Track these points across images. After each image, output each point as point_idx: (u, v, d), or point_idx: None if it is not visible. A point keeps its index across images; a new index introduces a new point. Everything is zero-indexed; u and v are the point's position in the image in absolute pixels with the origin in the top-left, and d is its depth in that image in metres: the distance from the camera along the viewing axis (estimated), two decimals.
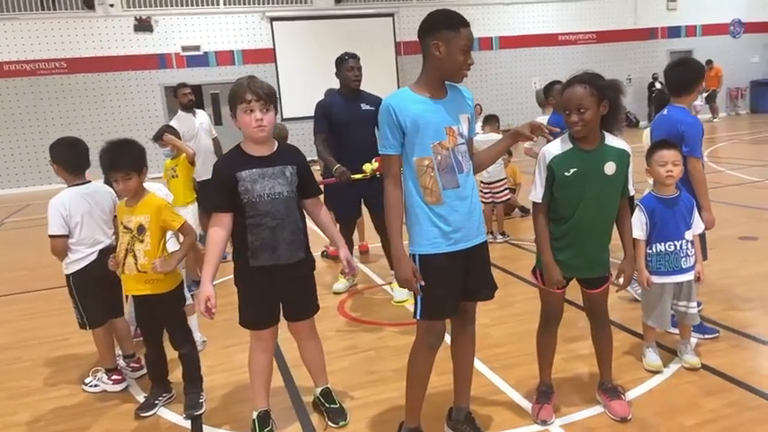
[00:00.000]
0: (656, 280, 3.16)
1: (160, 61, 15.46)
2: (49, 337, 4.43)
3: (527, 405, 2.94)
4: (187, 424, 3.06)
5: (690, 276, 3.19)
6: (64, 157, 3.38)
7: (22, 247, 8.19)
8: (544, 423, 2.77)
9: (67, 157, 3.38)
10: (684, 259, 3.15)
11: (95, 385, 3.50)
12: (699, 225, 3.23)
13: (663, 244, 3.13)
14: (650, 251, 3.16)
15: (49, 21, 14.71)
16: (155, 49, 15.42)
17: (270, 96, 2.60)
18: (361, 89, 4.69)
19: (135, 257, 3.03)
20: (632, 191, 2.70)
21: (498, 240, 6.26)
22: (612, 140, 2.61)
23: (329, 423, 2.91)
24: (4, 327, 4.86)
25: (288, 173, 2.65)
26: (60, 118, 14.77)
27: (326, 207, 3.43)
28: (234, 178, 2.58)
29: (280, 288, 2.71)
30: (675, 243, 3.12)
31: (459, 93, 2.47)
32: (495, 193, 6.40)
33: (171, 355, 3.26)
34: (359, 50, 4.76)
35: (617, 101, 2.55)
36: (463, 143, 2.43)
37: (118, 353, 3.64)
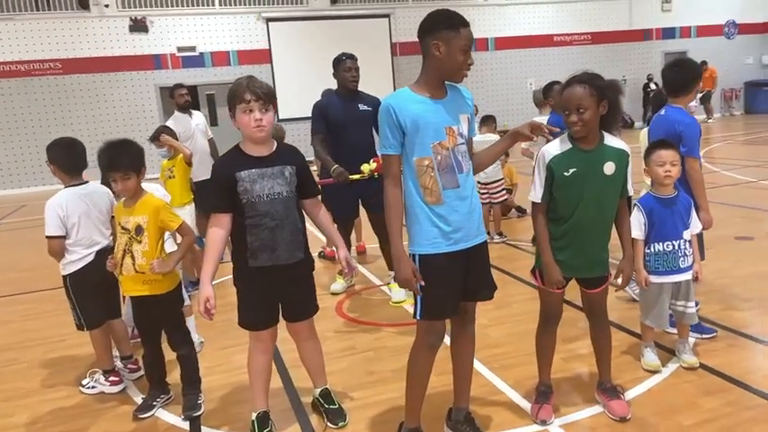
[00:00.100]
0: (654, 280, 3.17)
1: (155, 62, 15.41)
2: (46, 338, 4.42)
3: (526, 405, 2.94)
4: (185, 425, 3.05)
5: (688, 276, 3.19)
6: (61, 158, 3.36)
7: (17, 248, 8.15)
8: (543, 423, 2.77)
9: (64, 158, 3.36)
10: (682, 259, 3.15)
11: (93, 387, 3.49)
12: (697, 225, 3.24)
13: (661, 244, 3.14)
14: (648, 251, 3.17)
15: (44, 21, 14.64)
16: (150, 50, 15.36)
17: (269, 96, 2.59)
18: (359, 90, 4.69)
19: (133, 258, 3.02)
20: (631, 191, 2.70)
21: (495, 241, 6.26)
22: (612, 140, 2.61)
23: (328, 424, 2.91)
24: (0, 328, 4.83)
25: (287, 173, 2.64)
26: (55, 119, 14.70)
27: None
28: (233, 178, 2.57)
29: (279, 289, 2.70)
30: (674, 243, 3.13)
31: (459, 93, 2.47)
32: (492, 194, 6.41)
33: (169, 356, 3.24)
34: (355, 51, 4.75)
35: (616, 101, 2.56)
36: (463, 143, 2.43)
37: (115, 354, 3.63)
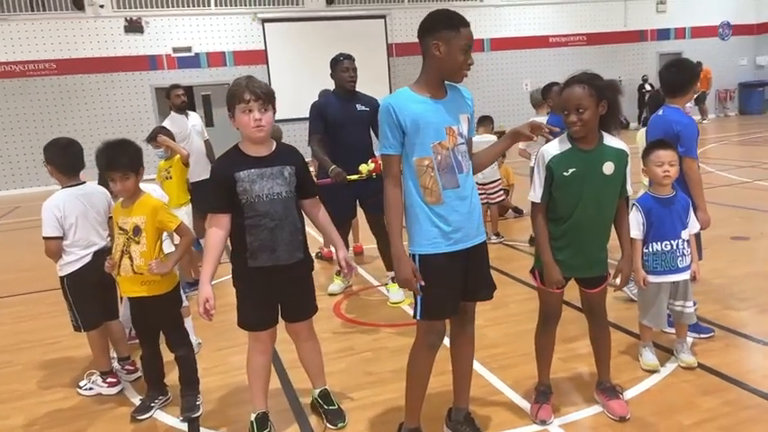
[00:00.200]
0: (652, 279, 3.18)
1: (151, 62, 15.37)
2: (42, 340, 4.39)
3: (525, 405, 2.94)
4: (184, 426, 3.04)
5: (686, 276, 3.20)
6: (58, 159, 3.34)
7: (13, 249, 8.11)
8: (543, 423, 2.77)
9: (62, 159, 3.35)
10: (681, 259, 3.16)
11: (90, 388, 3.47)
12: (695, 225, 3.25)
13: (659, 243, 3.14)
14: (647, 250, 3.17)
15: (39, 22, 14.58)
16: (145, 51, 15.32)
17: (268, 96, 2.59)
18: (357, 90, 4.68)
19: (131, 259, 3.00)
20: (630, 191, 2.71)
21: (493, 241, 6.26)
22: (611, 140, 2.62)
23: (328, 425, 2.90)
24: None
25: (286, 173, 2.63)
26: (50, 119, 14.64)
27: None
28: (232, 178, 2.56)
29: (278, 289, 2.69)
30: (672, 242, 3.14)
31: (459, 93, 2.47)
32: (489, 194, 6.42)
33: (167, 357, 3.23)
34: (351, 52, 4.74)
35: (615, 101, 2.56)
36: (463, 143, 2.43)
37: (112, 355, 3.61)
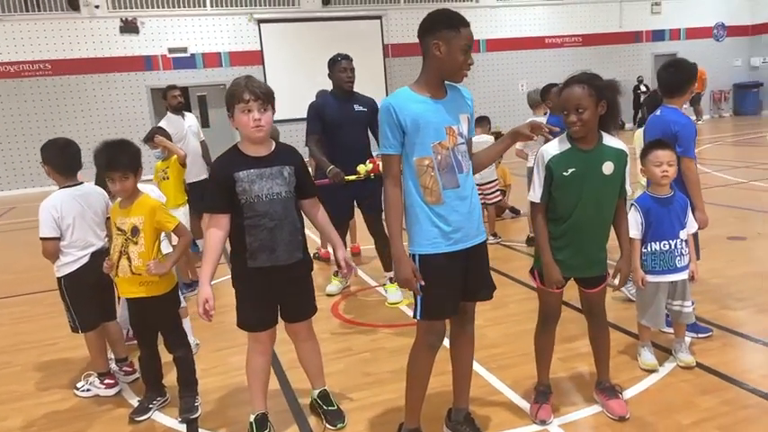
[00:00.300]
0: (650, 279, 3.18)
1: (146, 63, 15.32)
2: (39, 341, 4.37)
3: (525, 405, 2.94)
4: (182, 428, 3.03)
5: (684, 275, 3.21)
6: (55, 159, 3.32)
7: (9, 250, 8.07)
8: (543, 423, 2.77)
9: (59, 159, 3.33)
10: (679, 258, 3.17)
11: (87, 390, 3.45)
12: (693, 225, 3.26)
13: (658, 243, 3.15)
14: (645, 250, 3.18)
15: (33, 22, 14.52)
16: (141, 51, 15.26)
17: (268, 96, 2.58)
18: (354, 90, 4.68)
19: (129, 259, 2.99)
20: (629, 190, 2.71)
21: (490, 242, 6.25)
22: (610, 140, 2.62)
23: (327, 425, 2.89)
24: None
25: (286, 173, 2.62)
26: (45, 120, 14.58)
27: None
28: (231, 179, 2.55)
29: (278, 289, 2.69)
30: (670, 242, 3.14)
31: (459, 93, 2.47)
32: (486, 195, 6.42)
33: (165, 358, 3.22)
34: (347, 52, 4.73)
35: (615, 101, 2.56)
36: (463, 143, 2.43)
37: (110, 357, 3.60)
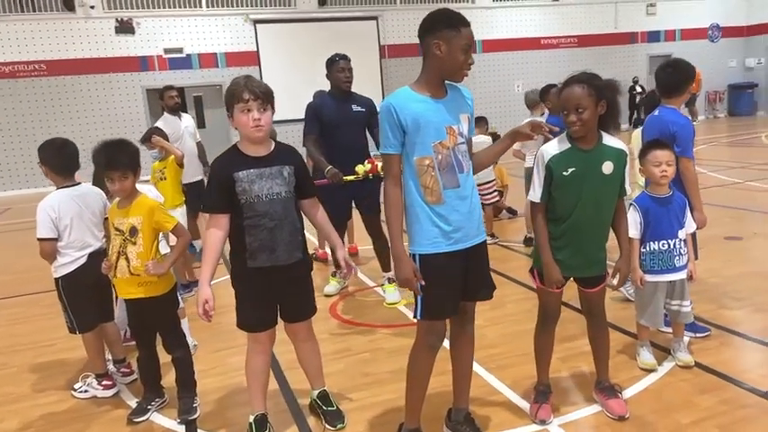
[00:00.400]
0: (649, 279, 3.19)
1: (142, 63, 15.28)
2: (35, 342, 4.35)
3: (524, 405, 2.94)
4: (181, 429, 3.02)
5: (683, 275, 3.22)
6: (53, 159, 3.30)
7: (5, 251, 8.03)
8: (543, 422, 2.77)
9: (56, 159, 3.31)
10: (678, 258, 3.17)
11: (85, 391, 3.43)
12: (691, 224, 3.27)
13: (657, 243, 3.16)
14: (644, 250, 3.18)
15: (29, 22, 14.45)
16: (136, 51, 15.22)
17: (267, 96, 2.57)
18: (352, 90, 4.67)
19: (127, 260, 2.97)
20: (629, 190, 2.71)
21: (488, 242, 6.25)
22: (610, 140, 2.62)
23: (327, 426, 2.89)
24: None
25: (285, 173, 2.62)
26: (40, 121, 14.50)
27: None
28: (231, 179, 2.54)
29: (278, 289, 2.68)
30: (669, 242, 3.15)
31: (459, 92, 2.47)
32: (483, 195, 6.40)
33: (163, 359, 3.20)
34: (343, 53, 4.72)
35: (614, 101, 2.57)
36: (463, 143, 2.42)
37: (108, 358, 3.58)
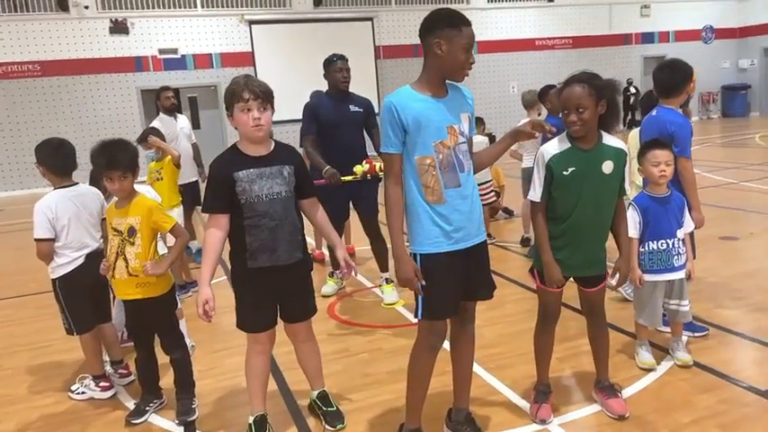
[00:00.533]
0: (648, 278, 3.19)
1: (137, 64, 15.22)
2: (33, 343, 4.31)
3: (524, 405, 2.94)
4: (180, 430, 3.00)
5: (681, 274, 3.22)
6: (50, 159, 3.28)
7: (0, 252, 7.97)
8: (543, 422, 2.77)
9: (54, 159, 3.28)
10: (676, 257, 3.18)
11: (82, 392, 3.41)
12: (689, 224, 3.28)
13: (655, 242, 3.16)
14: (643, 249, 3.19)
15: (22, 23, 14.38)
16: (131, 52, 15.15)
17: (267, 95, 2.56)
18: (350, 91, 4.66)
19: (126, 260, 2.95)
20: (628, 189, 2.72)
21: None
22: (610, 140, 2.62)
23: (327, 426, 2.88)
24: None
25: (285, 173, 2.61)
26: (34, 121, 14.41)
27: None
28: (231, 178, 2.53)
29: (278, 289, 2.67)
30: (668, 241, 3.16)
31: (460, 92, 2.47)
32: (480, 196, 6.40)
33: (161, 360, 3.19)
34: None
35: (614, 100, 2.57)
36: (464, 142, 2.43)
37: (105, 359, 3.56)
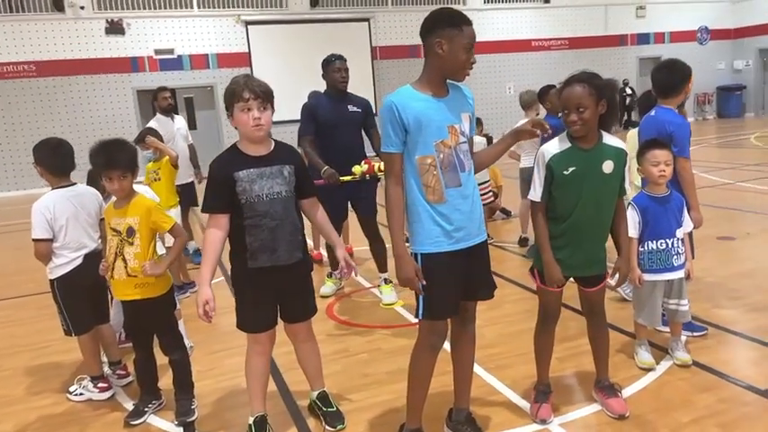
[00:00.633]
0: (647, 278, 3.20)
1: (133, 64, 15.18)
2: (31, 344, 4.29)
3: (524, 405, 2.94)
4: (179, 431, 2.99)
5: (680, 274, 3.23)
6: (48, 159, 3.26)
7: None
8: (543, 422, 2.77)
9: (52, 159, 3.27)
10: (676, 257, 3.19)
11: (80, 393, 3.40)
12: (688, 223, 3.28)
13: (655, 242, 3.17)
14: (642, 249, 3.19)
15: (18, 23, 14.32)
16: (127, 52, 15.12)
17: (267, 95, 2.55)
18: (348, 91, 4.65)
19: (124, 261, 2.94)
20: (628, 189, 2.72)
21: None
22: (610, 139, 2.62)
23: (327, 427, 2.87)
24: None
25: (286, 172, 2.60)
26: (29, 122, 14.33)
27: None
28: (231, 178, 2.52)
29: (278, 290, 2.66)
30: (667, 241, 3.16)
31: (461, 92, 2.47)
32: None
33: (160, 360, 3.17)
34: None
35: (614, 100, 2.58)
36: (465, 142, 2.42)
37: (103, 360, 3.55)
